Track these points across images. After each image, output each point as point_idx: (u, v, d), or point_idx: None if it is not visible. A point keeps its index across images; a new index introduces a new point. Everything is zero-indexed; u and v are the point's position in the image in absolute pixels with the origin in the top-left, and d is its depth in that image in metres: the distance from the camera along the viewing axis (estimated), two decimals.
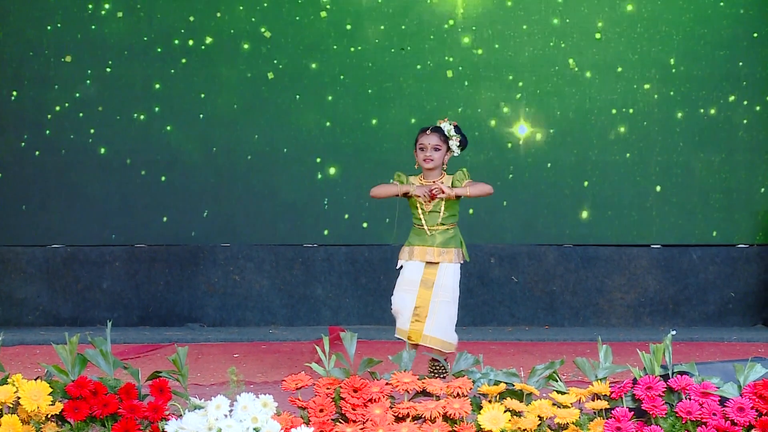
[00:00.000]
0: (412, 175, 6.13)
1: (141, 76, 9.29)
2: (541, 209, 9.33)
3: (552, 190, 9.32)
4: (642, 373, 4.35)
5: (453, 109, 9.22)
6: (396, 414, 4.23)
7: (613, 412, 4.25)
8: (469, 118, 9.19)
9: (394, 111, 9.29)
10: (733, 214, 9.32)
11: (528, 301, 9.25)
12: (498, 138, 9.31)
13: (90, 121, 9.27)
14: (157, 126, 9.29)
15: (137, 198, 9.27)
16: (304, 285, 9.22)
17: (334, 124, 9.26)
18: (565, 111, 9.33)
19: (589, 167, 9.33)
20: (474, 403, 4.29)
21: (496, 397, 4.31)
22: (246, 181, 9.30)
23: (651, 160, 9.32)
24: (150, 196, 9.27)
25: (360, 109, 9.30)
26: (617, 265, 9.27)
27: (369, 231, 9.24)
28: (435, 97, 9.30)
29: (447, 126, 6.04)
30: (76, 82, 9.26)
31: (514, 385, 4.36)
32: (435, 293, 5.96)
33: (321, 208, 9.27)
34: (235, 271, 9.26)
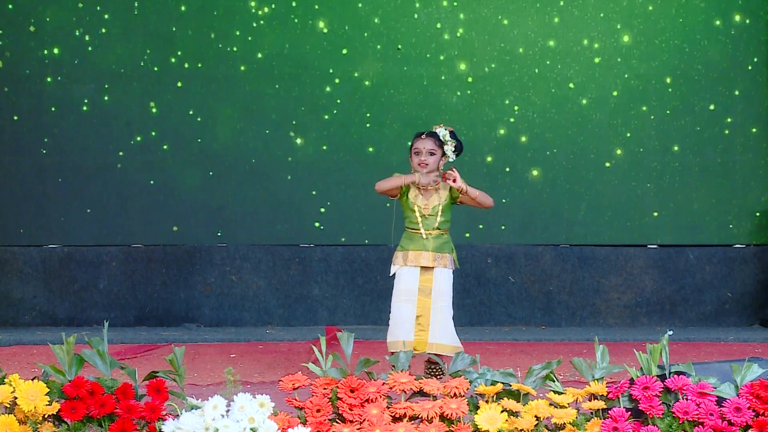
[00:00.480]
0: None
1: (139, 76, 9.28)
2: (537, 209, 9.33)
3: (548, 191, 9.33)
4: (639, 374, 4.35)
5: (450, 111, 9.23)
6: (393, 414, 4.23)
7: (610, 412, 4.25)
8: (469, 118, 9.21)
9: (391, 114, 9.30)
10: (730, 215, 9.32)
11: (525, 301, 9.25)
12: (497, 138, 9.32)
13: (88, 121, 9.26)
14: (155, 127, 9.28)
15: (134, 198, 9.27)
16: (301, 285, 9.22)
17: (331, 123, 9.26)
18: (562, 111, 9.34)
19: (586, 168, 9.33)
20: (471, 403, 4.29)
21: (493, 397, 4.31)
22: (243, 181, 9.29)
23: (648, 161, 9.32)
24: (147, 197, 9.26)
25: (359, 109, 9.30)
26: (614, 266, 9.28)
27: (366, 231, 9.24)
28: (428, 94, 9.31)
29: (442, 131, 6.04)
30: (75, 82, 9.25)
31: (511, 386, 4.36)
32: (434, 300, 5.96)
33: (317, 208, 9.27)
34: (231, 271, 9.26)
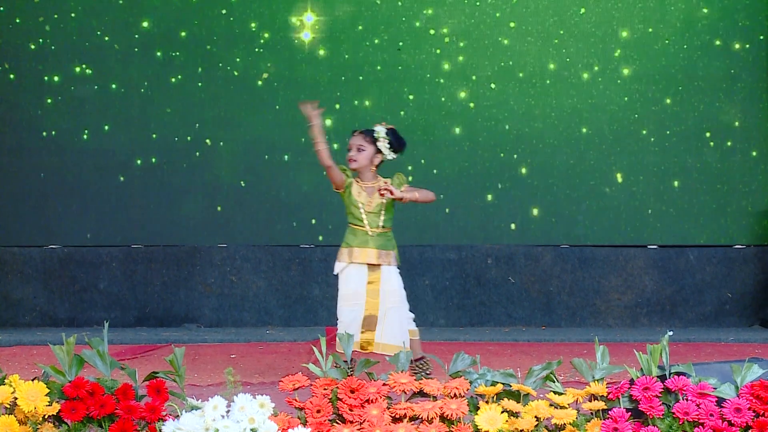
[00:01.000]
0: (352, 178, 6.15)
1: (139, 77, 9.29)
2: (538, 210, 9.33)
3: (548, 191, 9.33)
4: (639, 374, 4.35)
5: (449, 110, 9.24)
6: (393, 415, 4.23)
7: (610, 412, 4.25)
8: (469, 119, 9.22)
9: (391, 115, 9.31)
10: (730, 215, 9.32)
11: (525, 301, 9.25)
12: (497, 139, 9.32)
13: (87, 122, 9.26)
14: (155, 127, 9.29)
15: (134, 199, 9.27)
16: (301, 285, 9.22)
17: (332, 125, 9.26)
18: (562, 114, 9.34)
19: (586, 168, 9.33)
20: (471, 403, 4.28)
21: (493, 397, 4.31)
22: (243, 182, 9.30)
23: (647, 161, 9.32)
24: (147, 197, 9.27)
25: (358, 110, 9.31)
26: (614, 266, 9.28)
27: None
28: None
29: (379, 128, 6.05)
30: (74, 83, 9.26)
31: (511, 386, 4.35)
32: (383, 300, 5.96)
33: (318, 209, 9.27)
34: (231, 271, 9.26)
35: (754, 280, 9.27)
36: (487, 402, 4.28)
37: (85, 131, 9.27)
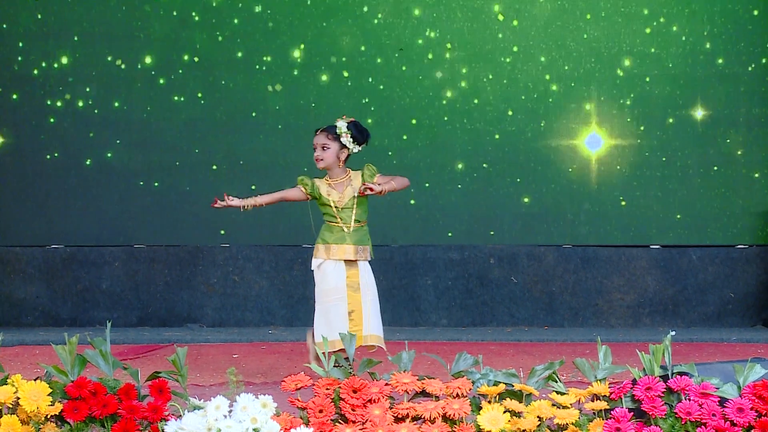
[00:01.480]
0: (317, 177, 6.16)
1: (141, 78, 9.29)
2: (540, 210, 9.32)
3: (551, 191, 9.32)
4: (641, 374, 4.35)
5: (450, 109, 9.24)
6: (395, 414, 4.23)
7: (612, 412, 4.25)
8: (471, 120, 9.22)
9: (392, 115, 9.30)
10: (733, 215, 9.31)
11: (527, 301, 9.25)
12: (499, 139, 9.32)
13: (89, 122, 9.26)
14: (157, 127, 9.29)
15: (136, 198, 9.27)
16: (304, 285, 9.20)
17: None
18: (565, 113, 9.33)
19: (588, 168, 9.33)
20: (473, 403, 4.28)
21: (496, 397, 4.31)
22: (245, 182, 9.29)
23: (650, 161, 9.31)
24: (149, 197, 9.27)
25: (358, 112, 9.30)
26: (616, 266, 9.27)
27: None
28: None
29: (340, 123, 6.07)
30: (77, 84, 9.26)
31: (513, 386, 4.35)
32: (364, 293, 6.02)
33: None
34: (234, 271, 9.26)
35: (757, 280, 9.26)
36: (489, 402, 4.29)
37: (87, 131, 9.27)
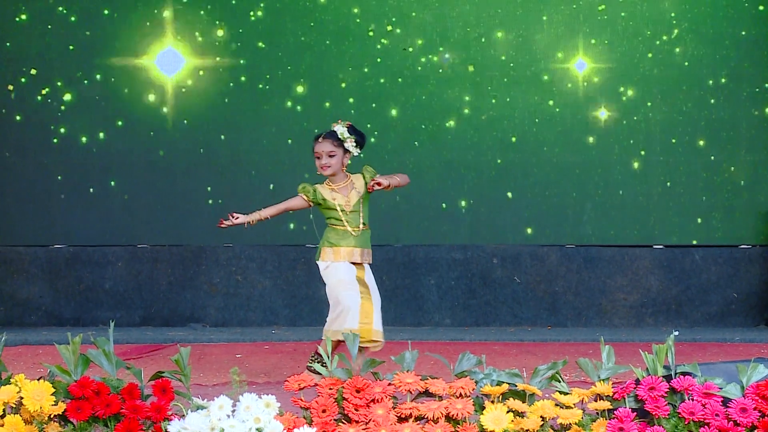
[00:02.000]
0: (318, 184, 6.15)
1: (143, 78, 9.30)
2: (543, 210, 9.32)
3: (554, 191, 9.32)
4: (644, 374, 4.34)
5: (455, 110, 9.24)
6: (399, 414, 4.23)
7: (615, 412, 4.24)
8: (473, 121, 9.23)
9: (394, 115, 9.30)
10: (736, 215, 9.31)
11: (530, 301, 9.25)
12: (501, 138, 9.32)
13: (92, 121, 9.27)
14: (160, 126, 9.29)
15: (139, 198, 9.28)
16: (307, 285, 9.21)
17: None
18: (569, 112, 9.33)
19: (592, 168, 9.32)
20: (477, 403, 4.28)
21: (499, 397, 4.30)
22: (248, 181, 9.30)
23: (653, 161, 9.31)
24: (152, 196, 9.27)
25: (361, 111, 9.31)
26: (620, 266, 9.27)
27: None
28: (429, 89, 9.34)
29: (340, 128, 6.05)
30: (80, 80, 9.27)
31: (516, 386, 4.35)
32: (372, 290, 6.04)
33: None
34: (237, 271, 9.26)
35: (760, 280, 9.26)
36: (492, 402, 4.28)
37: (89, 131, 9.27)
